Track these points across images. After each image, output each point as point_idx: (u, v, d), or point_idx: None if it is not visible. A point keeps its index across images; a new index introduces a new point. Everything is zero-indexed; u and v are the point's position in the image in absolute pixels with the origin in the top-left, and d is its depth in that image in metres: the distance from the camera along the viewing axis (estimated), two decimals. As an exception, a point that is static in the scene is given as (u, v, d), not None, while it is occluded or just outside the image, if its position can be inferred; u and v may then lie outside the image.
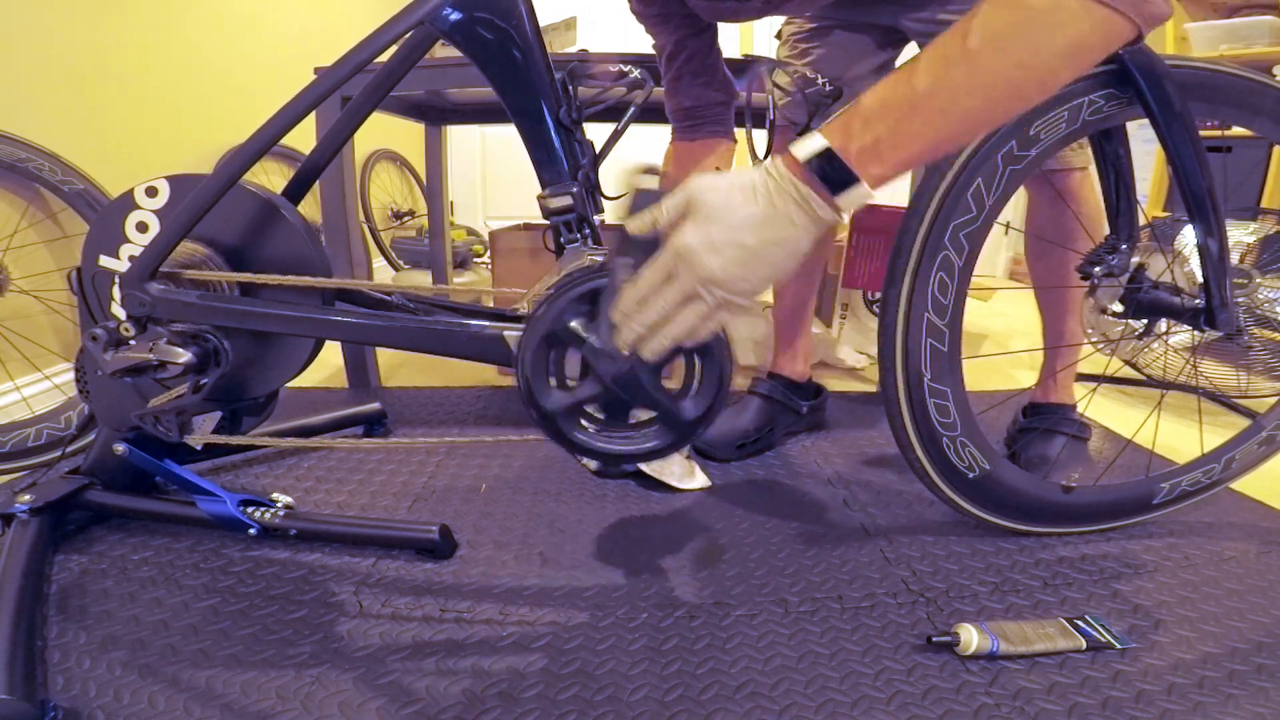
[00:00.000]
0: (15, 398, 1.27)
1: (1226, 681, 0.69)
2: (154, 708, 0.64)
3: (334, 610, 0.79)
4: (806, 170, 0.53)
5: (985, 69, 0.53)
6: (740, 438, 1.16)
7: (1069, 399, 1.15)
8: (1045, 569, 0.88)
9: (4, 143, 1.17)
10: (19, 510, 0.85)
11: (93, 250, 0.80)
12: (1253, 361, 1.47)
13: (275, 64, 2.05)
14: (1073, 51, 0.54)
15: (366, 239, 2.25)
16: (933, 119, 0.53)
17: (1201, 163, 0.79)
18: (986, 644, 0.71)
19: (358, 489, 1.06)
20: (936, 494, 0.91)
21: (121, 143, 1.50)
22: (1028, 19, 0.52)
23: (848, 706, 0.66)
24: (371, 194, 2.66)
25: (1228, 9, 2.03)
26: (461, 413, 1.40)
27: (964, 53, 0.52)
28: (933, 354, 0.84)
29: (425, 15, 0.66)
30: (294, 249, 0.78)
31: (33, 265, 1.28)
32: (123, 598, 0.80)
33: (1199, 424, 1.26)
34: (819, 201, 0.53)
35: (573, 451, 0.70)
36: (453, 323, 0.73)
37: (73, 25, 1.37)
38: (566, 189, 0.69)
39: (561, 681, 0.69)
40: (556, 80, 0.69)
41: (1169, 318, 0.88)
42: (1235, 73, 0.83)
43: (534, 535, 0.95)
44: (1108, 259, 0.87)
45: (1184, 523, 0.99)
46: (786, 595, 0.83)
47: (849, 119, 0.53)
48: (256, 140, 0.71)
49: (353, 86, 0.80)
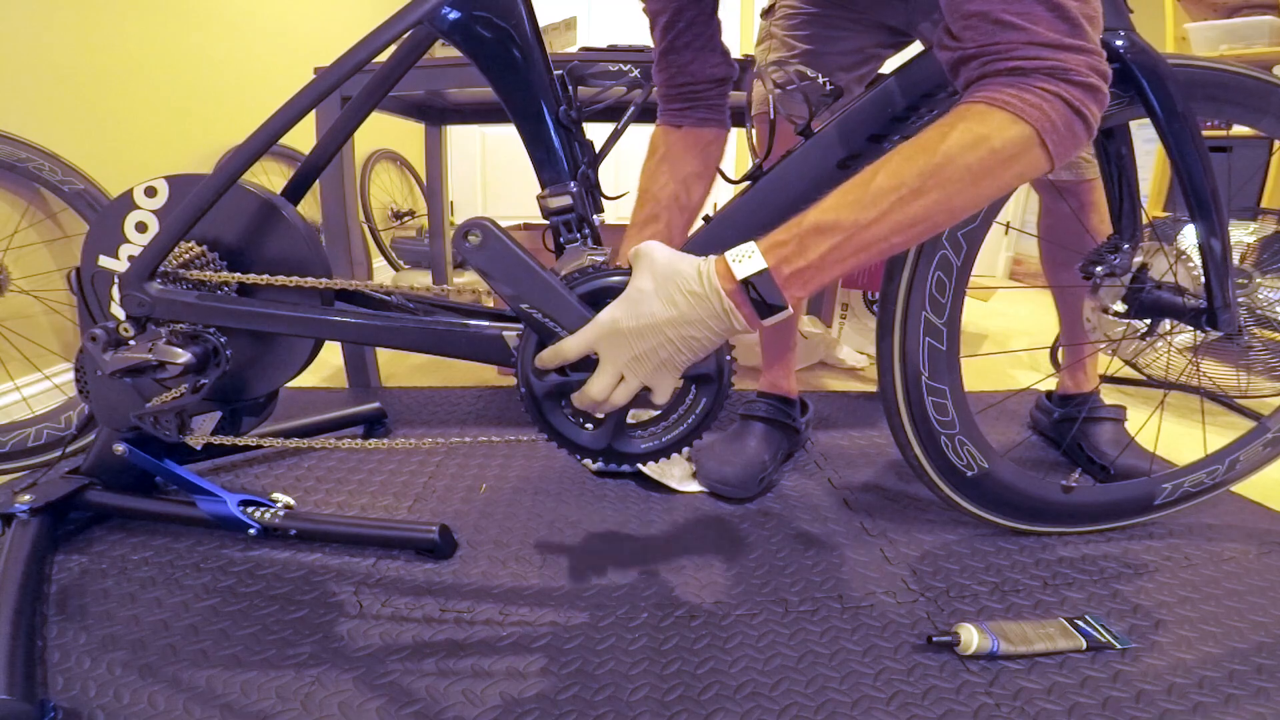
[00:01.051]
0: (15, 398, 1.27)
1: (1226, 681, 0.69)
2: (154, 708, 0.64)
3: (334, 610, 0.79)
4: (740, 290, 0.56)
5: (916, 210, 0.55)
6: (759, 471, 1.07)
7: (1097, 385, 1.20)
8: (1045, 569, 0.88)
9: (4, 143, 1.17)
10: (19, 510, 0.85)
11: (92, 250, 0.80)
12: (1253, 361, 1.47)
13: (275, 64, 2.05)
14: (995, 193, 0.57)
15: (366, 239, 2.26)
16: (862, 254, 0.57)
17: (1204, 162, 0.79)
18: (987, 644, 0.71)
19: (358, 489, 1.06)
20: (935, 492, 0.91)
21: (121, 143, 1.50)
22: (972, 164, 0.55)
23: (848, 706, 0.66)
24: (371, 194, 2.66)
25: (1228, 9, 2.03)
26: (461, 413, 1.40)
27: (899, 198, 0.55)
28: (930, 352, 0.84)
29: (424, 15, 0.65)
30: (293, 249, 0.78)
31: (33, 265, 1.28)
32: (123, 598, 0.80)
33: (1202, 425, 1.26)
34: (739, 319, 0.57)
35: (574, 452, 0.70)
36: (453, 323, 0.73)
37: (73, 25, 1.37)
38: (566, 189, 0.69)
39: (561, 681, 0.69)
40: (556, 80, 0.69)
41: (1171, 318, 0.88)
42: (1241, 71, 0.83)
43: (534, 535, 0.95)
44: (1109, 258, 0.87)
45: (1184, 523, 0.99)
46: (786, 595, 0.83)
47: (787, 240, 0.56)
48: (256, 140, 0.71)
49: (352, 86, 0.80)
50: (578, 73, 0.71)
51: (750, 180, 0.74)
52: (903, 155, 0.56)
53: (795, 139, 0.75)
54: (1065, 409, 1.21)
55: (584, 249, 0.69)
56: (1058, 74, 0.53)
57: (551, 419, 0.68)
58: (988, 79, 0.55)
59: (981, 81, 0.56)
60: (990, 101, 0.54)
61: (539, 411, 0.67)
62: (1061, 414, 1.21)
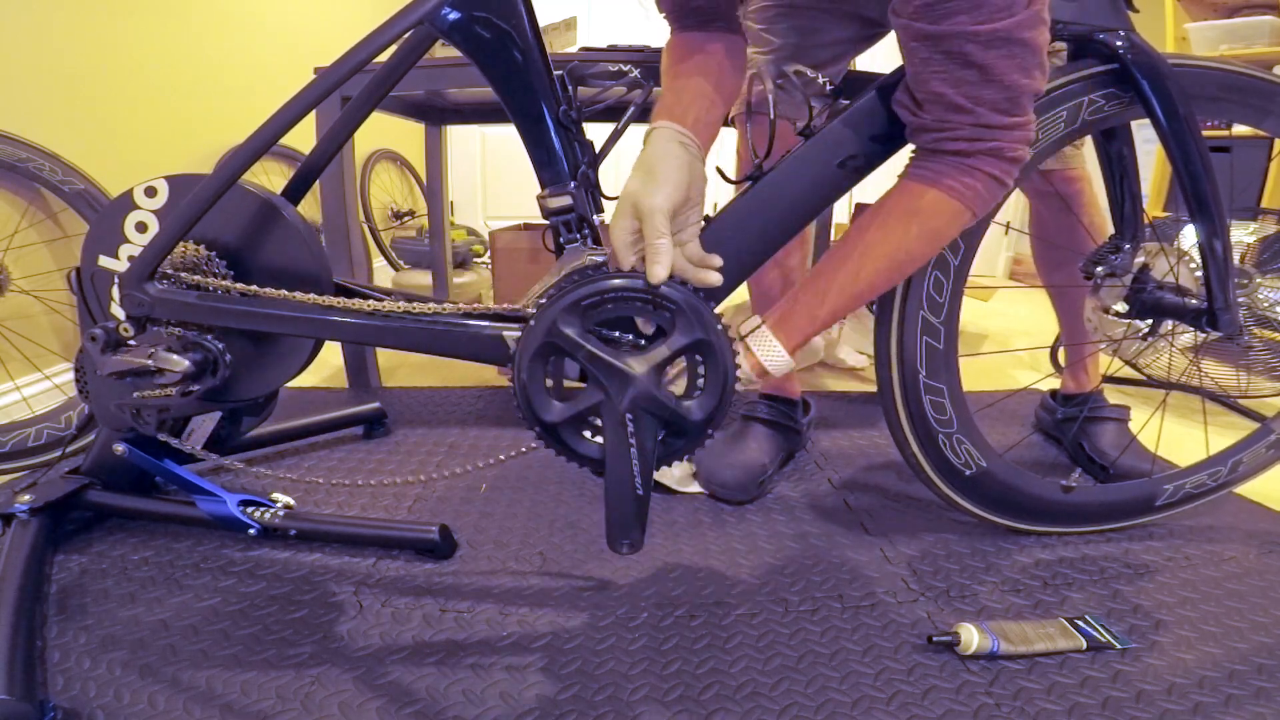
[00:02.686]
0: (15, 398, 1.27)
1: (1226, 681, 0.69)
2: (154, 708, 0.64)
3: (334, 610, 0.79)
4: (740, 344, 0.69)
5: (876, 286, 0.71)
6: (759, 474, 1.07)
7: (1098, 384, 1.21)
8: (1045, 569, 0.88)
9: (4, 143, 1.17)
10: (19, 510, 0.85)
11: (92, 250, 0.80)
12: (1253, 361, 1.47)
13: (275, 64, 2.05)
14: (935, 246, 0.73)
15: (366, 239, 2.25)
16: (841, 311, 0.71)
17: (1205, 163, 0.79)
18: (987, 644, 0.71)
19: (358, 489, 1.06)
20: (934, 491, 0.91)
21: (121, 143, 1.50)
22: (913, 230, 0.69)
23: (848, 706, 0.66)
24: (371, 194, 2.65)
25: (1228, 9, 2.03)
26: (462, 413, 1.40)
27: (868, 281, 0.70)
28: (928, 351, 0.84)
29: (425, 15, 0.65)
30: (293, 249, 0.78)
31: (33, 265, 1.28)
32: (123, 598, 0.80)
33: (1204, 426, 1.26)
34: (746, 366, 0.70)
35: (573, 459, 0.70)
36: (453, 323, 0.73)
37: (73, 25, 1.37)
38: (566, 189, 0.68)
39: (561, 681, 0.69)
40: (556, 80, 0.69)
41: (1171, 318, 0.88)
42: (1245, 71, 0.83)
43: (534, 535, 0.95)
44: (1110, 258, 0.87)
45: (1185, 524, 0.99)
46: (786, 595, 0.83)
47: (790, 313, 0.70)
48: (256, 140, 0.71)
49: (352, 86, 0.80)
50: (578, 73, 0.71)
51: (750, 180, 0.74)
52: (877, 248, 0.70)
53: (795, 139, 0.75)
54: (1068, 409, 1.21)
55: (584, 249, 0.69)
56: (995, 154, 0.65)
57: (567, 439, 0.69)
58: (938, 155, 0.67)
59: (934, 156, 0.67)
60: (942, 189, 0.66)
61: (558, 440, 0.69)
62: (1064, 413, 1.21)
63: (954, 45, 0.60)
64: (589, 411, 0.68)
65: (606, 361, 0.65)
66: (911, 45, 0.63)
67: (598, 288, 0.65)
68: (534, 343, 0.66)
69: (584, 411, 0.68)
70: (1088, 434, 1.15)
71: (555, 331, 0.65)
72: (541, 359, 0.67)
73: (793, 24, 1.02)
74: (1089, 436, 1.15)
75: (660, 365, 0.66)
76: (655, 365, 0.65)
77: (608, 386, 0.66)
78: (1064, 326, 1.21)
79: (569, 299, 0.65)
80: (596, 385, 0.67)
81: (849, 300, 0.70)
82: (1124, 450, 1.09)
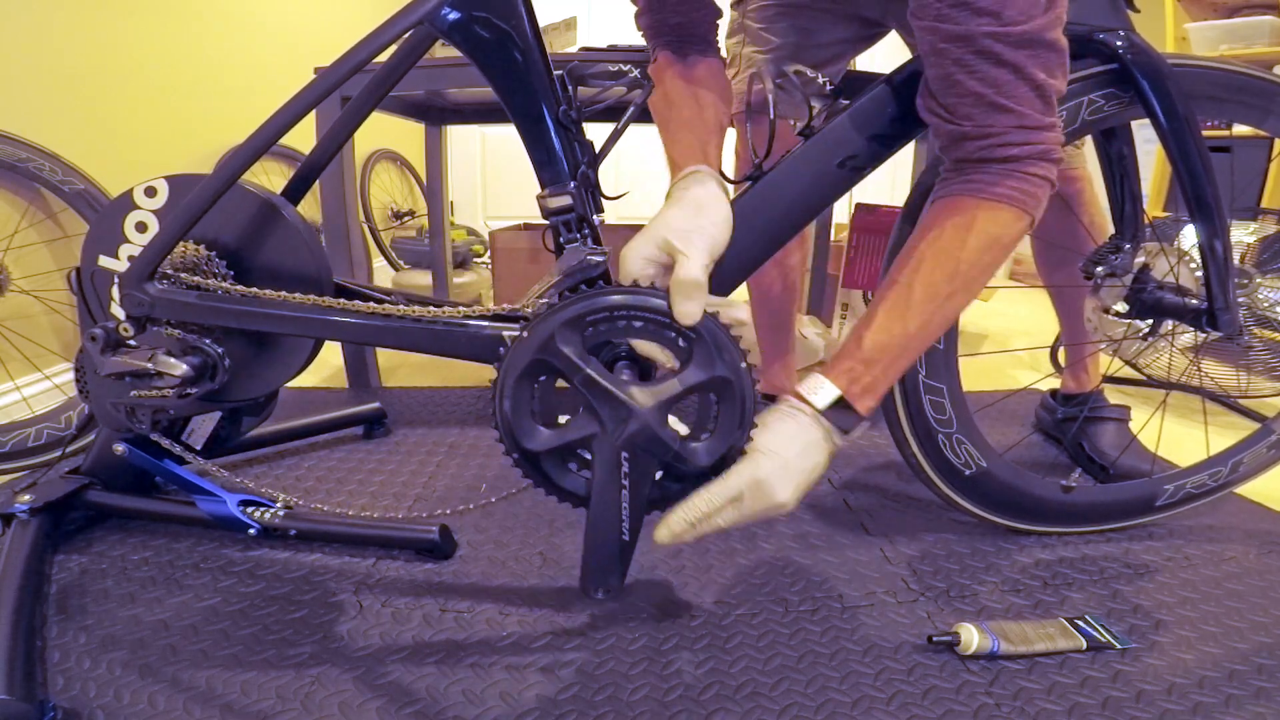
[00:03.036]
0: (15, 398, 1.27)
1: (1226, 681, 0.69)
2: (154, 708, 0.64)
3: (334, 610, 0.79)
4: (824, 416, 0.64)
5: (950, 309, 0.68)
6: None
7: (1099, 384, 1.21)
8: (1045, 569, 0.88)
9: (4, 143, 1.17)
10: (19, 510, 0.85)
11: (92, 250, 0.80)
12: (1253, 361, 1.47)
13: (275, 64, 2.05)
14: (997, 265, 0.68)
15: (366, 239, 2.26)
16: (914, 355, 0.70)
17: (1205, 163, 0.79)
18: (987, 644, 0.71)
19: (358, 489, 1.06)
20: (933, 491, 0.91)
21: (121, 143, 1.50)
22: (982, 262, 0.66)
23: (848, 706, 0.66)
24: (371, 194, 2.65)
25: (1228, 9, 2.03)
26: (462, 413, 1.40)
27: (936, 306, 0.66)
28: (928, 351, 0.84)
29: (425, 15, 0.65)
30: (293, 249, 0.78)
31: (33, 265, 1.28)
32: (123, 598, 0.80)
33: (1204, 426, 1.26)
34: (838, 435, 0.65)
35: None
36: (452, 323, 0.73)
37: (73, 25, 1.37)
38: (566, 189, 0.68)
39: (561, 681, 0.69)
40: (556, 80, 0.69)
41: (1171, 318, 0.88)
42: (1246, 71, 0.83)
43: (534, 535, 0.95)
44: (1110, 259, 0.87)
45: (1185, 524, 0.99)
46: (786, 595, 0.83)
47: (852, 364, 0.65)
48: (256, 140, 0.71)
49: (352, 86, 0.80)
50: (578, 73, 0.71)
51: (750, 180, 0.74)
52: (931, 264, 0.65)
53: (795, 139, 0.75)
54: (1068, 408, 1.21)
55: (584, 249, 0.69)
56: (1044, 156, 0.64)
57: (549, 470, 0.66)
58: (987, 164, 0.64)
59: (980, 167, 0.65)
60: (998, 198, 0.64)
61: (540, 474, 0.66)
62: (1064, 413, 1.21)
63: (983, 44, 0.59)
64: (579, 443, 0.63)
65: (607, 390, 0.60)
66: (941, 47, 0.61)
67: (607, 303, 0.60)
68: (524, 359, 0.61)
69: (573, 443, 0.63)
70: (1088, 434, 1.15)
71: (551, 348, 0.60)
72: (530, 378, 0.62)
73: (792, 24, 1.02)
74: (1089, 436, 1.15)
75: (669, 401, 0.60)
76: (663, 401, 0.60)
77: (604, 418, 0.60)
78: (1064, 326, 1.21)
79: (571, 312, 0.61)
80: (591, 415, 0.61)
81: (927, 344, 0.69)
82: (1124, 450, 1.09)
